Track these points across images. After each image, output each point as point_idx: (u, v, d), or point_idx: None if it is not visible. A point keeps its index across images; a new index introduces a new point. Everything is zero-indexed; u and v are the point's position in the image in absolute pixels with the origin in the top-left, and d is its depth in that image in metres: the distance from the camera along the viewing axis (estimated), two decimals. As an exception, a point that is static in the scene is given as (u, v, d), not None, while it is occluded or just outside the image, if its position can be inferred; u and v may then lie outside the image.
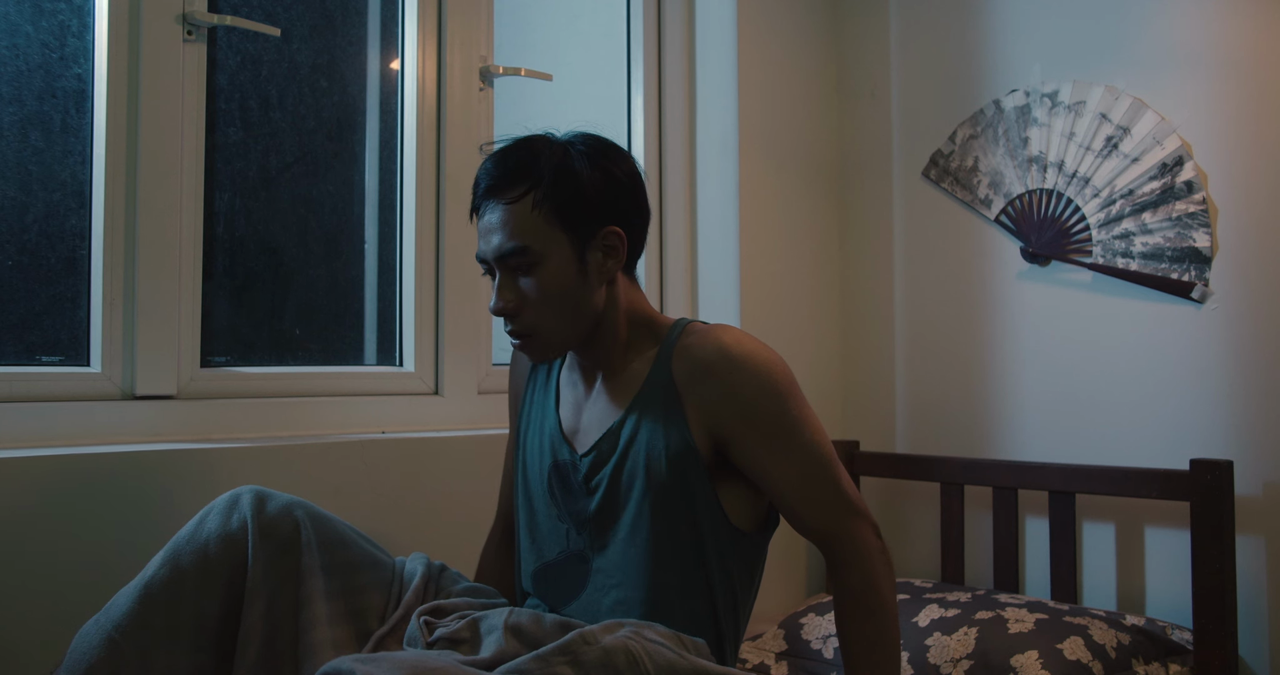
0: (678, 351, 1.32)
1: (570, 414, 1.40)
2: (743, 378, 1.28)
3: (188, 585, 1.20)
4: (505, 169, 1.29)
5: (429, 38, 2.02)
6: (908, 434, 2.43)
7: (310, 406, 1.80)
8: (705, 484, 1.30)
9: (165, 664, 1.17)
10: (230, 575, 1.22)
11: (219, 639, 1.21)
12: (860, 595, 1.29)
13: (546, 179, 1.27)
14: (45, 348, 1.61)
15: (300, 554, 1.25)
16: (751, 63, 2.36)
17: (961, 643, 1.78)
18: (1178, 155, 2.01)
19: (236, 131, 1.83)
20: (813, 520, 1.31)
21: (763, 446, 1.29)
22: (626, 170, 1.32)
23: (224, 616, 1.21)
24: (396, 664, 0.99)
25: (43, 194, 1.61)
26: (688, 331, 1.34)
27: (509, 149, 1.31)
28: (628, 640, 1.12)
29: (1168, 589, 1.99)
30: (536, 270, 1.28)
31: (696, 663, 1.14)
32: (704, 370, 1.29)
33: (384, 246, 2.03)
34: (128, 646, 1.16)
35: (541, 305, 1.29)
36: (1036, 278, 2.22)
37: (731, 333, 1.32)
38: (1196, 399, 1.98)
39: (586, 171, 1.29)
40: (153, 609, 1.18)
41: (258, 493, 1.27)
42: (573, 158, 1.29)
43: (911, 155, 2.44)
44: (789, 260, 2.44)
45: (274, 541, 1.24)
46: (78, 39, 1.64)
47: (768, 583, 2.32)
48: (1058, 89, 2.18)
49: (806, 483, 1.30)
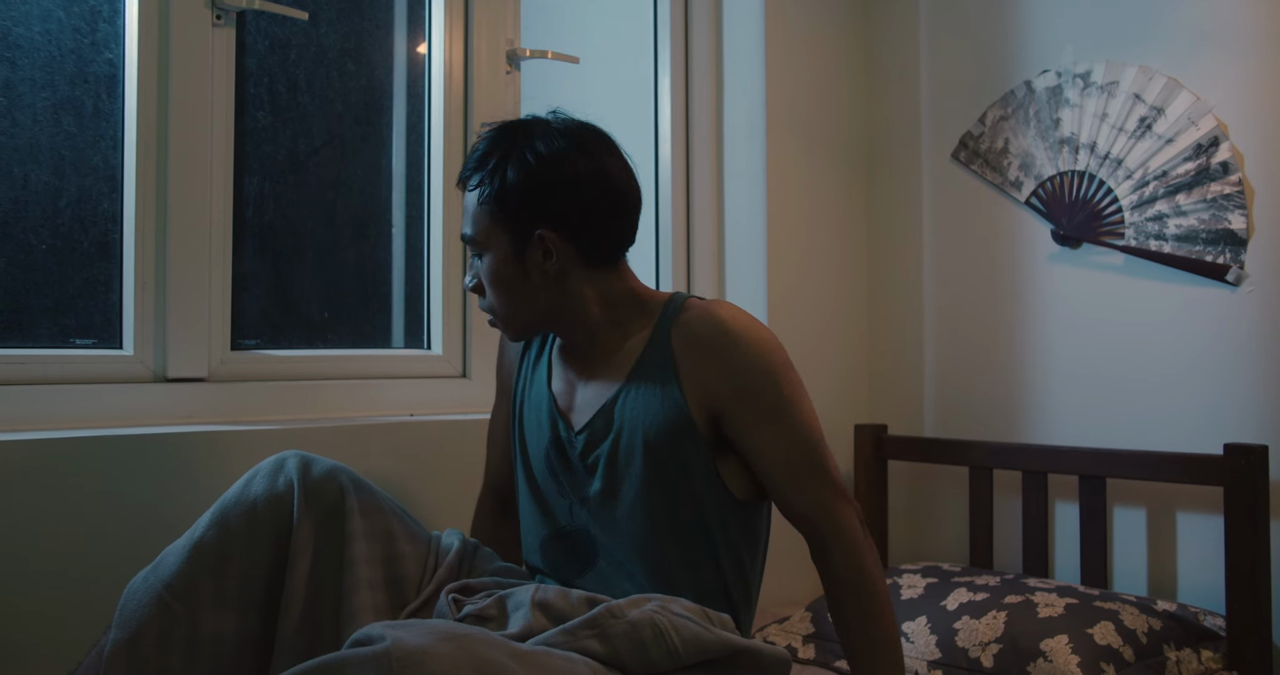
0: (676, 327, 1.33)
1: (564, 390, 1.41)
2: (739, 354, 1.29)
3: (235, 547, 1.21)
4: (473, 157, 1.34)
5: (456, 20, 2.01)
6: (936, 417, 2.41)
7: (339, 389, 1.82)
8: (704, 456, 1.30)
9: (213, 626, 1.19)
10: (277, 537, 1.23)
11: (266, 602, 1.22)
12: (850, 579, 1.29)
13: (490, 178, 1.31)
14: (79, 331, 1.63)
15: (345, 518, 1.26)
16: (779, 44, 2.34)
17: (990, 626, 1.77)
18: (1213, 136, 1.97)
19: (265, 115, 1.83)
20: (800, 502, 1.31)
21: (755, 424, 1.30)
22: (586, 169, 1.30)
23: (270, 579, 1.23)
24: (429, 629, 1.00)
25: (75, 178, 1.63)
26: (686, 307, 1.35)
27: (487, 137, 1.35)
28: (654, 614, 1.13)
29: (1200, 574, 1.97)
30: (485, 258, 1.34)
31: (722, 636, 1.15)
32: (703, 345, 1.30)
33: (411, 230, 2.03)
34: (178, 607, 1.18)
35: (491, 291, 1.35)
36: (1067, 260, 2.19)
37: (729, 308, 1.33)
38: (1230, 383, 1.96)
39: (524, 174, 1.29)
40: (201, 570, 1.19)
41: (302, 457, 1.29)
42: (524, 158, 1.29)
43: (941, 137, 2.41)
44: (817, 243, 2.43)
45: (320, 504, 1.25)
46: (108, 24, 1.65)
47: (795, 566, 2.32)
48: (1090, 69, 2.15)
49: (796, 463, 1.30)
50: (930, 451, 2.29)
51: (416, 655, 0.94)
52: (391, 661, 0.93)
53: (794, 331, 2.35)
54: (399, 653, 0.94)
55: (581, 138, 1.32)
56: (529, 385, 1.46)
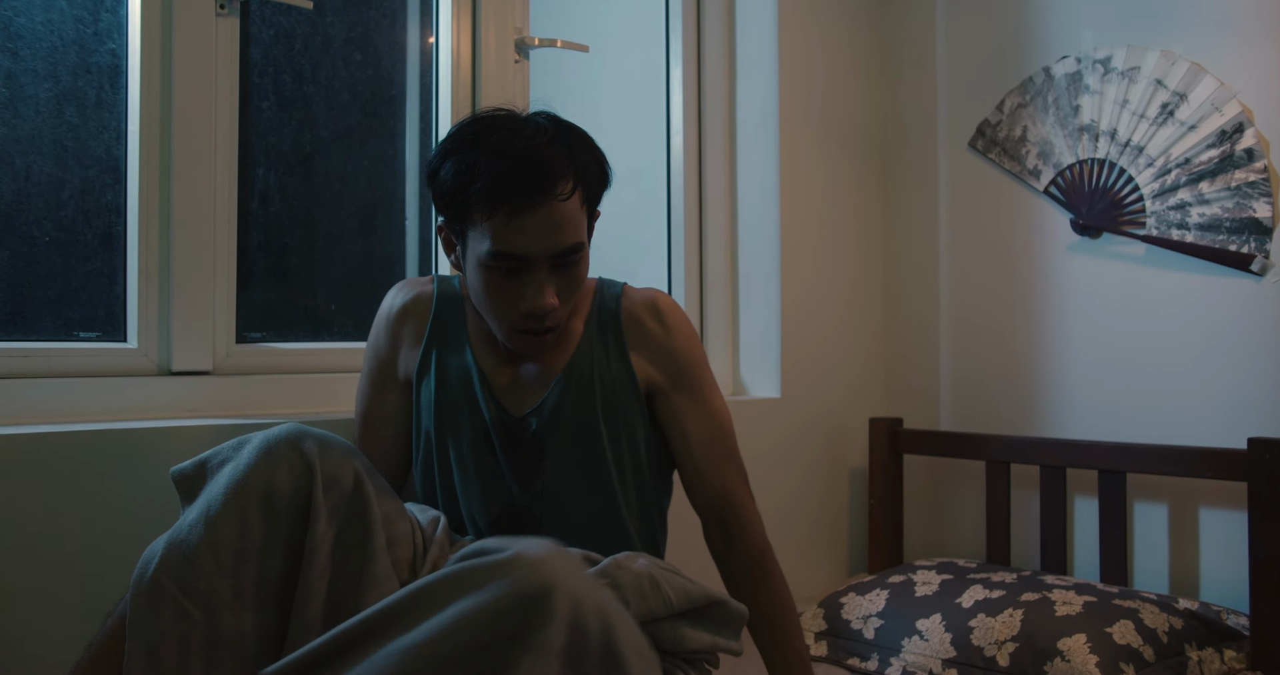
0: (626, 309, 1.44)
1: (496, 369, 1.42)
2: (681, 340, 1.44)
3: (253, 542, 1.15)
4: (550, 168, 1.26)
5: (464, 9, 1.99)
6: (952, 411, 2.38)
7: (346, 382, 1.80)
8: (645, 433, 1.43)
9: (233, 626, 1.14)
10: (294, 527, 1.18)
11: (284, 595, 1.17)
12: (756, 559, 1.42)
13: (585, 173, 1.31)
14: (82, 323, 1.62)
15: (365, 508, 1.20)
16: (793, 31, 2.31)
17: (1006, 624, 1.74)
18: (1238, 122, 1.93)
19: (270, 106, 1.82)
20: (712, 482, 1.43)
21: (685, 404, 1.44)
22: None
23: (287, 570, 1.17)
24: (536, 542, 1.04)
25: (78, 170, 1.62)
26: (627, 292, 1.46)
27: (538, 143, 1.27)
28: (650, 567, 1.24)
29: (1223, 572, 1.93)
30: (580, 264, 1.33)
31: (704, 587, 1.28)
32: (650, 329, 1.43)
33: (424, 222, 2.01)
34: (197, 613, 1.12)
35: (570, 298, 1.34)
36: (1087, 250, 2.15)
37: (669, 298, 1.48)
38: (1254, 375, 1.92)
39: (602, 161, 1.35)
40: (219, 570, 1.14)
41: (317, 439, 1.21)
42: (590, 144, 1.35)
43: (957, 125, 2.37)
44: (831, 233, 2.40)
45: (337, 491, 1.20)
46: (111, 14, 1.64)
47: (808, 561, 2.30)
48: (1111, 55, 2.11)
49: (713, 444, 1.44)
50: (946, 445, 2.26)
51: (539, 562, 0.99)
52: (523, 565, 0.99)
53: (808, 324, 2.32)
54: (523, 560, 0.99)
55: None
56: (440, 369, 1.43)
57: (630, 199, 2.38)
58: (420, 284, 1.51)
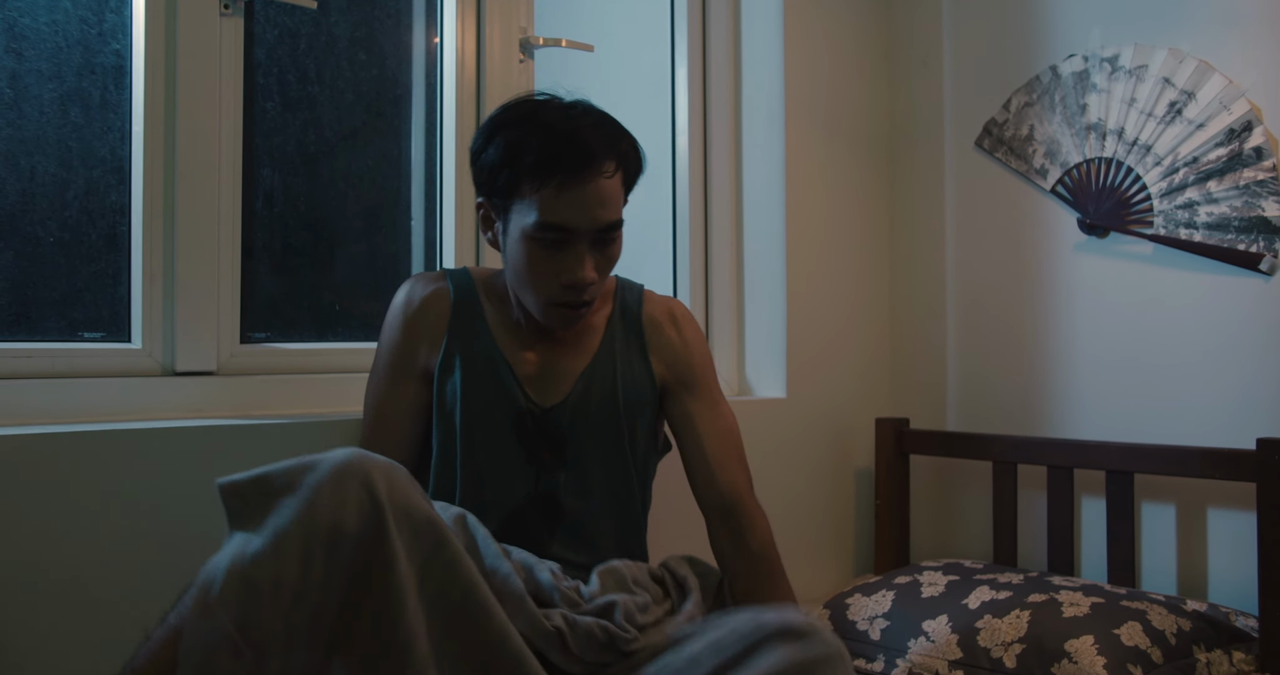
0: (645, 312, 1.52)
1: (522, 360, 1.46)
2: (698, 345, 1.54)
3: (313, 581, 1.08)
4: (601, 143, 1.35)
5: (468, 9, 1.99)
6: (959, 411, 2.37)
7: (350, 382, 1.79)
8: (655, 427, 1.53)
9: (281, 668, 1.07)
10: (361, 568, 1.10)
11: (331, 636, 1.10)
12: (765, 556, 1.47)
13: (626, 157, 1.40)
14: (87, 324, 1.62)
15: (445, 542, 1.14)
16: (798, 29, 2.30)
17: (1013, 626, 1.73)
18: (1246, 120, 1.92)
19: (275, 106, 1.81)
20: (724, 481, 1.48)
21: (698, 406, 1.51)
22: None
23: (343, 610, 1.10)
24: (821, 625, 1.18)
25: (83, 170, 1.62)
26: (648, 295, 1.55)
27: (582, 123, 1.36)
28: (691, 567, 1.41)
29: (1231, 573, 1.92)
30: (618, 242, 1.40)
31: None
32: (672, 332, 1.52)
33: (429, 222, 2.01)
34: (249, 652, 1.06)
35: (606, 275, 1.41)
36: (1094, 250, 2.14)
37: (683, 307, 1.58)
38: (1263, 375, 1.90)
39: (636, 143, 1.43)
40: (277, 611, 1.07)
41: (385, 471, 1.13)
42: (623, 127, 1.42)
43: (964, 124, 2.36)
44: (837, 233, 2.39)
45: (410, 530, 1.12)
46: (115, 14, 1.64)
47: (814, 562, 2.29)
48: (1118, 53, 2.09)
49: (725, 445, 1.51)
50: (953, 446, 2.25)
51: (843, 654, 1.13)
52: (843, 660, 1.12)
53: (814, 323, 2.31)
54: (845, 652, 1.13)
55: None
56: (464, 358, 1.45)
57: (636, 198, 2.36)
58: (434, 278, 1.54)
